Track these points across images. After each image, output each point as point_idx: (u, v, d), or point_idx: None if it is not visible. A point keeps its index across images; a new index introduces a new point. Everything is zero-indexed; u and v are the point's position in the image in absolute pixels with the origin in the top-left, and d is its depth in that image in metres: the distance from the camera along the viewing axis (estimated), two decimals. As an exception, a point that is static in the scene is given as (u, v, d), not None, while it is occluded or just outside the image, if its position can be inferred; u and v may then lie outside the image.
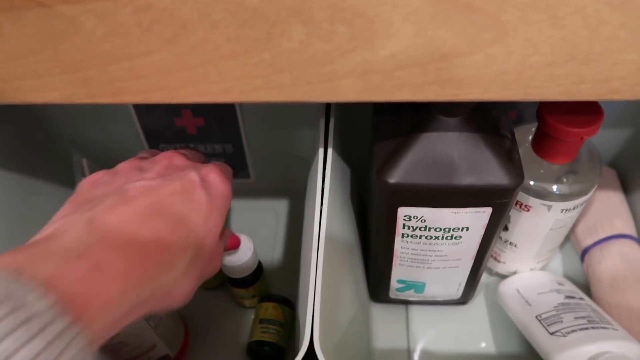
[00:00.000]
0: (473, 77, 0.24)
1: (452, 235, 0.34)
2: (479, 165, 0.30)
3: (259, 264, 0.44)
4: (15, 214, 0.46)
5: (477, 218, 0.33)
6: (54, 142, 0.52)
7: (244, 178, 0.56)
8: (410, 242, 0.35)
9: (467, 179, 0.30)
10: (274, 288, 0.48)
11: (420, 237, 0.34)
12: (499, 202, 0.32)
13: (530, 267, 0.44)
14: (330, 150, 0.34)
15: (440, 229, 0.33)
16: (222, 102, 0.26)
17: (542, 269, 0.45)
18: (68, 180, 0.54)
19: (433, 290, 0.41)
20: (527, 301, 0.40)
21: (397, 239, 0.35)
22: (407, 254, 0.36)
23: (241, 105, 0.48)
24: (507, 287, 0.43)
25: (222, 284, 0.49)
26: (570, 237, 0.47)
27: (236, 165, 0.55)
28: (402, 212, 0.32)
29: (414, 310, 0.45)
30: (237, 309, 0.47)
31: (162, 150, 0.33)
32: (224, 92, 0.26)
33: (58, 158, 0.53)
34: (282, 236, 0.52)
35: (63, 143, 0.53)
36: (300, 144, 0.51)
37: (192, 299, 0.49)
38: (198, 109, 0.49)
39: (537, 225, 0.38)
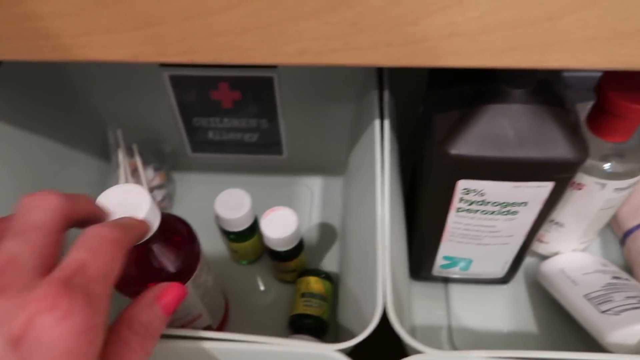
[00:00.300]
0: (560, 42, 0.23)
1: (509, 211, 0.34)
2: (545, 138, 0.29)
3: (301, 238, 0.43)
4: (54, 183, 0.46)
5: (537, 193, 0.32)
6: (90, 114, 0.52)
7: (277, 154, 0.55)
8: (465, 216, 0.35)
9: (532, 152, 0.29)
10: (310, 264, 0.48)
11: (476, 211, 0.34)
12: (562, 176, 0.31)
13: (572, 248, 0.43)
14: (387, 122, 0.33)
15: (498, 204, 0.33)
16: (294, 64, 0.26)
17: (583, 250, 0.45)
18: (104, 151, 0.53)
19: (478, 268, 0.41)
20: (573, 281, 0.40)
21: (451, 213, 0.35)
22: (459, 229, 0.36)
23: (280, 78, 0.47)
24: (551, 267, 0.42)
25: (259, 259, 0.49)
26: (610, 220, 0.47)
27: (270, 142, 0.54)
28: (462, 185, 0.32)
29: (454, 288, 0.45)
30: (275, 284, 0.47)
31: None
32: (299, 53, 0.25)
33: (94, 129, 0.52)
34: (317, 212, 0.52)
35: (98, 115, 0.52)
36: (337, 119, 0.50)
37: (230, 273, 0.49)
38: (236, 82, 0.48)
39: (588, 204, 0.38)
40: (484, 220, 0.35)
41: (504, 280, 0.43)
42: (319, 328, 0.42)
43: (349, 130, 0.50)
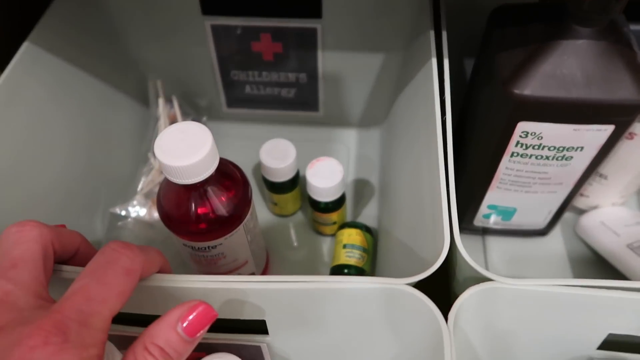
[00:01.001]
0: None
1: (564, 156, 0.34)
2: (612, 79, 0.29)
3: (344, 190, 0.44)
4: (97, 128, 0.46)
5: (595, 137, 0.32)
6: (130, 62, 0.51)
7: (313, 111, 0.56)
8: (518, 162, 0.35)
9: (598, 93, 0.29)
10: (348, 218, 0.49)
11: (531, 156, 0.34)
12: (623, 119, 0.31)
13: (612, 202, 0.44)
14: (446, 62, 0.33)
15: (554, 148, 0.33)
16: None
17: (622, 205, 0.45)
18: (144, 99, 0.53)
19: (521, 218, 0.41)
20: (615, 232, 0.41)
21: (505, 159, 0.35)
22: (510, 175, 0.36)
23: (323, 29, 0.47)
24: (591, 220, 0.43)
25: (296, 213, 0.49)
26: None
27: (307, 97, 0.54)
28: (521, 127, 0.32)
29: (492, 240, 0.46)
30: (314, 236, 0.48)
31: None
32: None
33: (135, 78, 0.52)
34: (353, 168, 0.52)
35: (138, 64, 0.52)
36: (382, 71, 0.50)
37: (268, 226, 0.49)
38: (279, 33, 0.48)
39: (636, 155, 0.38)
40: (536, 166, 0.35)
41: (544, 232, 0.44)
42: (362, 276, 0.42)
43: (393, 81, 0.49)
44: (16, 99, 0.37)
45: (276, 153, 0.43)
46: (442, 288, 0.29)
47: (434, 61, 0.34)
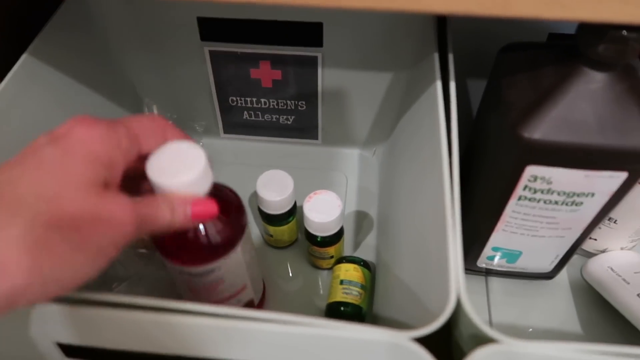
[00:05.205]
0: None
1: (574, 202, 0.32)
2: (626, 125, 0.28)
3: (342, 224, 0.42)
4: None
5: (607, 183, 0.31)
6: (126, 85, 0.50)
7: (312, 139, 0.54)
8: (526, 205, 0.33)
9: (612, 140, 0.28)
10: (345, 252, 0.47)
11: (539, 200, 0.33)
12: (637, 167, 0.30)
13: (621, 247, 0.42)
14: (452, 85, 0.32)
15: (564, 193, 0.32)
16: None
17: (631, 250, 0.44)
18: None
19: (526, 262, 0.40)
20: (624, 279, 0.39)
21: (512, 202, 0.33)
22: (517, 218, 0.35)
23: (324, 57, 0.46)
24: (598, 265, 0.41)
25: (292, 244, 0.47)
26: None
27: (306, 125, 0.53)
28: (530, 171, 0.31)
29: (495, 281, 0.44)
30: (310, 269, 0.46)
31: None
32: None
33: (130, 101, 0.51)
34: (352, 199, 0.50)
35: (135, 86, 0.51)
36: (382, 98, 0.49)
37: (265, 255, 0.47)
38: (278, 61, 0.47)
39: (647, 200, 0.37)
40: (544, 211, 0.33)
41: (550, 276, 0.42)
42: (357, 316, 0.40)
43: (395, 107, 0.48)
44: (11, 112, 0.35)
45: (273, 185, 0.42)
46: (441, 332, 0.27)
47: (439, 84, 0.33)
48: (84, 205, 0.21)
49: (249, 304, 0.38)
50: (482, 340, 0.25)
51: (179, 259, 0.31)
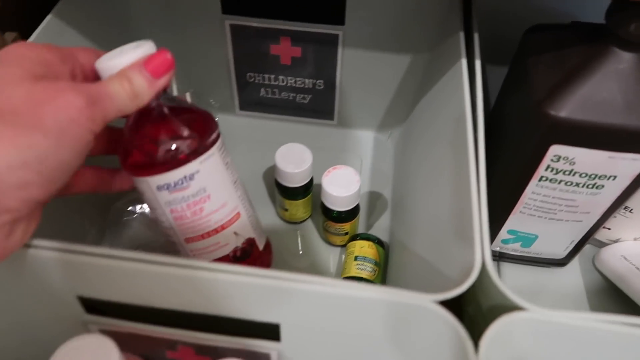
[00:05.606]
0: None
1: (595, 184, 0.32)
2: (654, 106, 0.28)
3: (358, 200, 0.42)
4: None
5: (630, 166, 0.31)
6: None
7: (328, 120, 0.54)
8: (546, 187, 0.33)
9: (639, 120, 0.28)
10: (359, 230, 0.47)
11: (560, 182, 0.33)
12: (662, 150, 0.30)
13: (634, 237, 0.42)
14: (477, 63, 0.32)
15: (586, 175, 0.32)
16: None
17: (644, 240, 0.44)
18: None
19: (541, 247, 0.40)
20: (637, 268, 0.39)
21: (532, 183, 0.34)
22: (536, 200, 0.35)
23: (345, 36, 0.46)
24: (611, 254, 0.41)
25: (304, 221, 0.47)
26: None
27: (322, 105, 0.53)
28: (553, 150, 0.31)
29: (506, 267, 0.44)
30: (321, 247, 0.46)
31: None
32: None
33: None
34: (366, 179, 0.50)
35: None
36: (401, 79, 0.48)
37: (278, 229, 0.47)
38: (299, 37, 0.47)
39: (665, 189, 0.37)
40: (565, 193, 0.33)
41: (563, 262, 0.42)
42: (371, 293, 0.40)
43: (414, 87, 0.48)
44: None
45: (292, 158, 0.42)
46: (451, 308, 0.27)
47: (464, 63, 0.32)
48: (17, 93, 0.22)
49: (251, 245, 0.35)
50: (504, 310, 0.25)
51: (151, 166, 0.29)
